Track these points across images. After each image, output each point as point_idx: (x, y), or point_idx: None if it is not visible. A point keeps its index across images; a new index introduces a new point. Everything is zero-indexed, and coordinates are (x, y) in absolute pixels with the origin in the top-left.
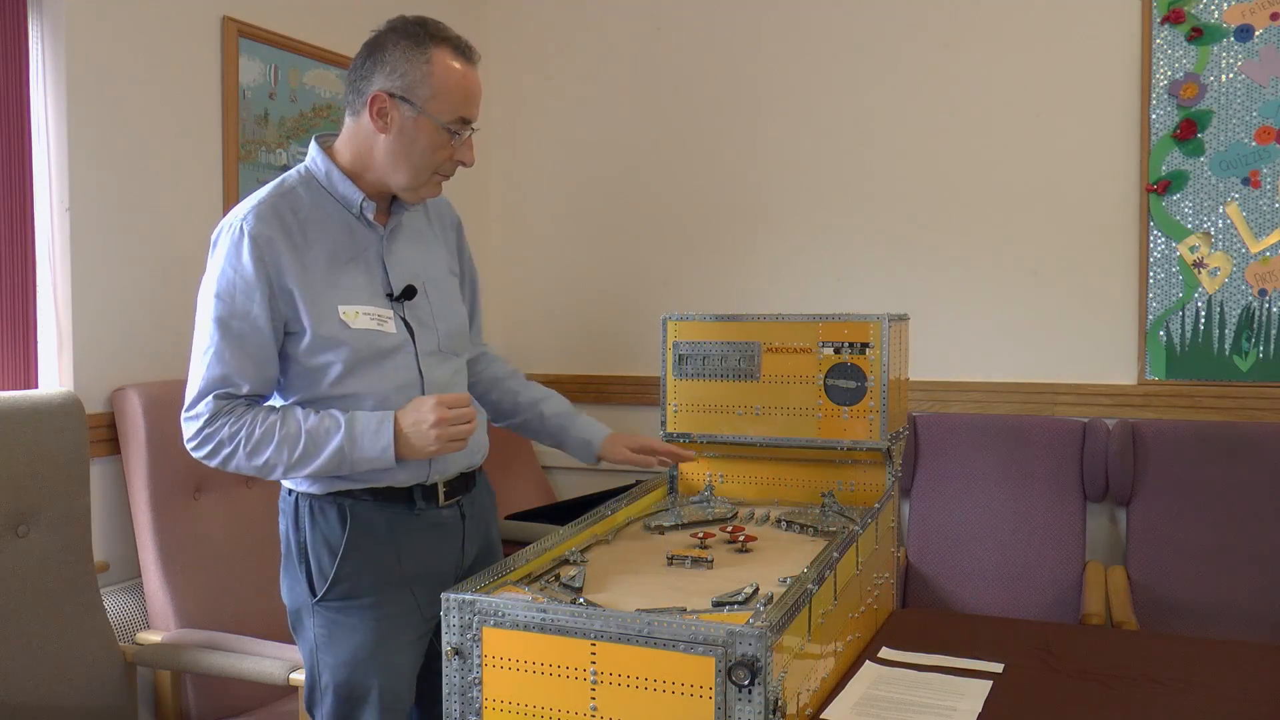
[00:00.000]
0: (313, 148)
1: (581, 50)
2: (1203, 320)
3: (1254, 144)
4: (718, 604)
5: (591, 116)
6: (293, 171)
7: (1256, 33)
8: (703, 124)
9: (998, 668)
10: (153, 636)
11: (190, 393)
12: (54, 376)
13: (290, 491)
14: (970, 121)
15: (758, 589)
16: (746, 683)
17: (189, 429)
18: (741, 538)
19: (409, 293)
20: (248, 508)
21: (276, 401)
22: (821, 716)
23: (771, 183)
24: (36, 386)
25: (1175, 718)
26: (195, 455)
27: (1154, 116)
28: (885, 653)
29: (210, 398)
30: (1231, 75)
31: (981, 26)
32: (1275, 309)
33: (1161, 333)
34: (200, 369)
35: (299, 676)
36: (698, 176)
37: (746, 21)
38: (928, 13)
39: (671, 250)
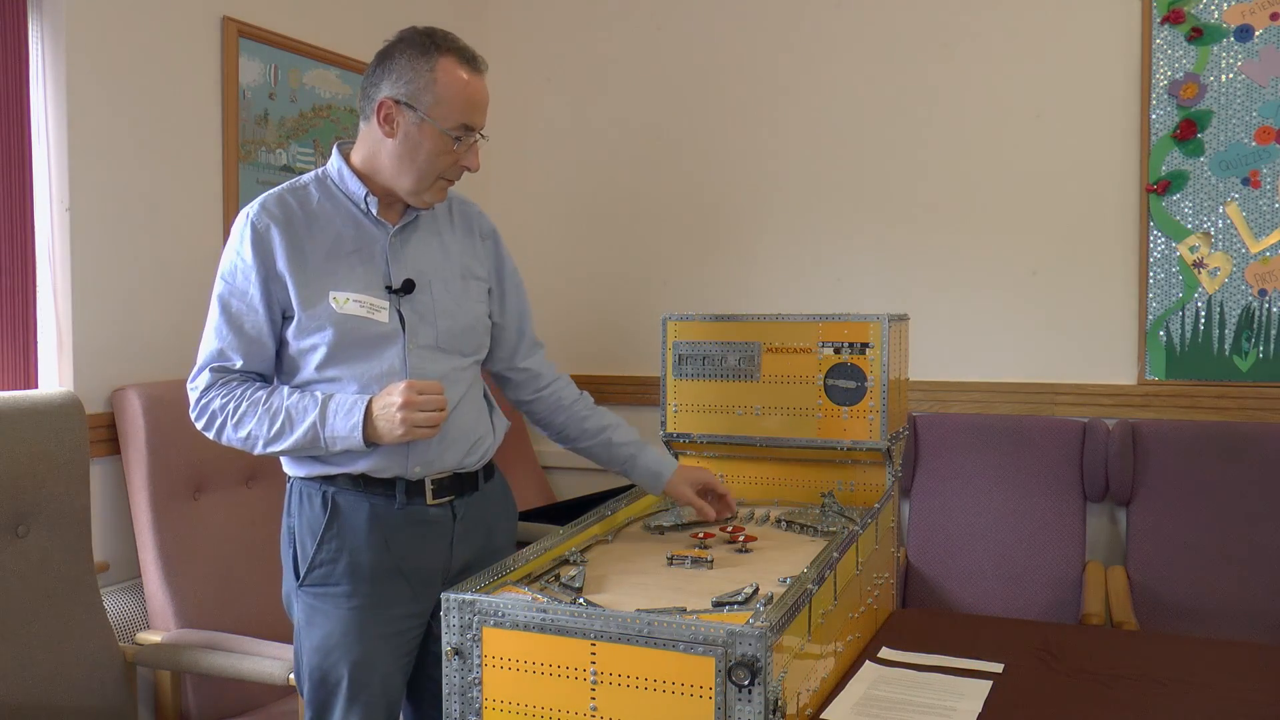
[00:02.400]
0: (333, 151)
1: (580, 51)
2: (1203, 320)
3: (1254, 144)
4: (718, 604)
5: (591, 117)
6: (311, 172)
7: (1256, 33)
8: (702, 124)
9: (998, 668)
10: (153, 636)
11: (195, 365)
12: (54, 376)
13: (289, 478)
14: (970, 121)
15: (758, 589)
16: (746, 683)
17: (190, 399)
18: (741, 538)
19: (408, 286)
20: (248, 508)
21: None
22: (821, 716)
23: (772, 183)
24: (36, 386)
25: (1175, 718)
26: (196, 425)
27: (1154, 116)
28: (885, 653)
29: (208, 370)
30: (1231, 75)
31: (981, 26)
32: (1275, 309)
33: (1161, 333)
34: (203, 344)
35: None
36: (697, 177)
37: (747, 23)
38: (927, 13)
39: (672, 250)
